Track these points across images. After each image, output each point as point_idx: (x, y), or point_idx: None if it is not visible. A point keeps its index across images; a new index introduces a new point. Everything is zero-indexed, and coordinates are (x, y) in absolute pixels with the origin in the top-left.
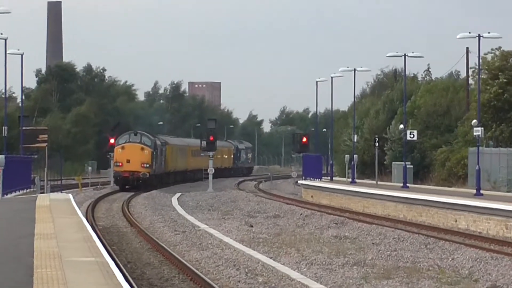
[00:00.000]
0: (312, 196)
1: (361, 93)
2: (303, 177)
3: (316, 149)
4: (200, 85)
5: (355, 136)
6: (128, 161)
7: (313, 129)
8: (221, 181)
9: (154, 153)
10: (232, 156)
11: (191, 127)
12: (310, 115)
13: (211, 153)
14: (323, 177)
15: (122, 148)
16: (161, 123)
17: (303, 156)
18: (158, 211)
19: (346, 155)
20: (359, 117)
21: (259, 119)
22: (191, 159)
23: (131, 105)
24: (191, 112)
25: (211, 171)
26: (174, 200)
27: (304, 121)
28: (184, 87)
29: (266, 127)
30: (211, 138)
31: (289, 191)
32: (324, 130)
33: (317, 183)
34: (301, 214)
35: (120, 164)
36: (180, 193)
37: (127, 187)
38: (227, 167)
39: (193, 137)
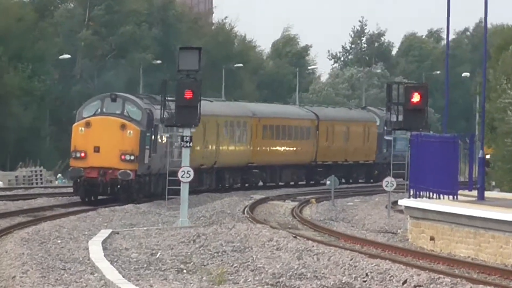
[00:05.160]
0: (432, 238)
1: None
2: (410, 190)
3: (444, 122)
4: None
5: None
6: (96, 149)
7: (437, 72)
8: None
9: (148, 134)
10: (375, 140)
11: (141, 68)
12: (432, 40)
13: (188, 133)
14: (459, 191)
15: (87, 124)
16: (68, 56)
17: (411, 140)
18: (56, 273)
19: None
20: None
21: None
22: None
23: None
24: (142, 31)
25: (185, 176)
26: (95, 247)
27: (413, 58)
28: None
29: (324, 67)
30: (189, 93)
31: (376, 225)
32: (465, 74)
33: (445, 204)
34: (404, 282)
35: (83, 154)
36: (110, 230)
37: (98, 197)
38: (363, 162)
39: (145, 91)
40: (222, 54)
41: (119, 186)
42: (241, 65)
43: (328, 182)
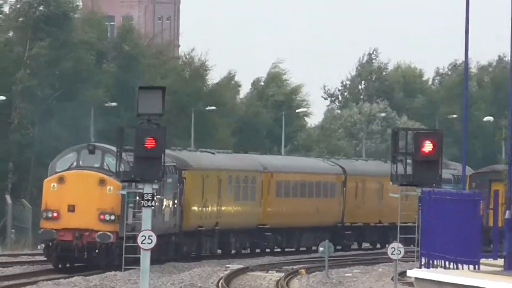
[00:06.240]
0: None
1: None
2: (421, 259)
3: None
4: None
5: None
6: (71, 209)
7: (453, 116)
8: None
9: None
10: (415, 198)
11: (91, 111)
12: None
13: (149, 189)
14: (482, 258)
15: (60, 180)
16: (2, 98)
17: (421, 197)
18: None
19: None
20: None
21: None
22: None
23: None
24: (88, 65)
25: (146, 242)
26: None
27: (425, 95)
28: None
29: (317, 109)
30: (150, 141)
31: None
32: (488, 119)
33: (465, 276)
34: None
35: (55, 214)
36: None
37: (75, 264)
38: (401, 225)
39: (97, 140)
40: (191, 94)
41: (97, 251)
42: (213, 107)
43: (320, 249)
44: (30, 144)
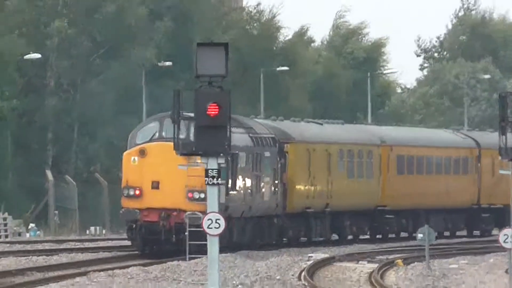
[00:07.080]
0: None
1: None
2: None
3: None
4: None
5: None
6: (155, 185)
7: None
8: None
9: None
10: None
11: (143, 73)
12: None
13: (214, 164)
14: None
15: (141, 153)
16: (37, 55)
17: None
18: None
19: None
20: None
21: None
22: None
23: None
24: (139, 19)
25: (213, 226)
26: None
27: None
28: None
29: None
30: (213, 108)
31: None
32: None
33: None
34: None
35: (137, 192)
36: None
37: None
38: None
39: (149, 106)
40: (258, 52)
41: (186, 233)
42: (286, 68)
43: (420, 236)
44: (70, 110)
